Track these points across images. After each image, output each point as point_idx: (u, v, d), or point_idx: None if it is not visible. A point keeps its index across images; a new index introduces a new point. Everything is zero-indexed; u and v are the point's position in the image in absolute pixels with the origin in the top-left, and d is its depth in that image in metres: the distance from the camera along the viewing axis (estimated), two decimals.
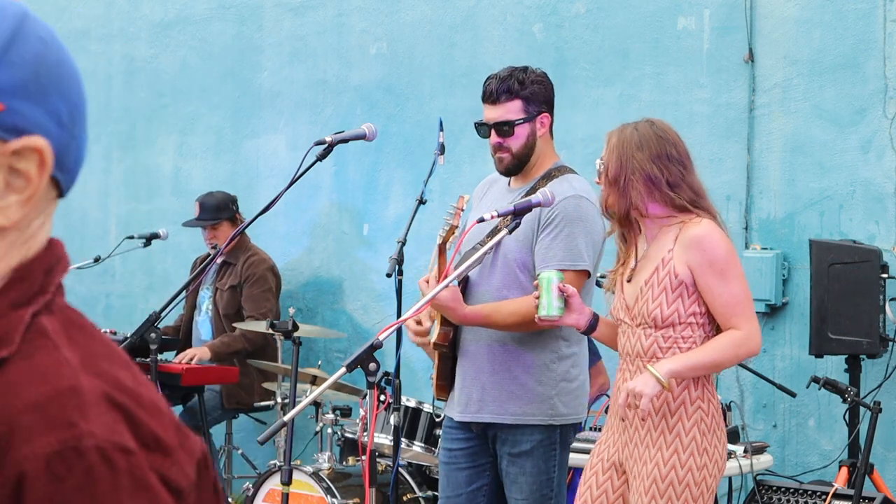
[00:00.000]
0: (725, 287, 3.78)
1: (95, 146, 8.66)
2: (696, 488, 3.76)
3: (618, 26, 6.55)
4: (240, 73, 7.98)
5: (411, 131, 7.25)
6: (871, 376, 5.65)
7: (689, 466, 3.75)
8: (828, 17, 5.97)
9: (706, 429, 3.79)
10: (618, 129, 3.94)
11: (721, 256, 3.79)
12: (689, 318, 3.80)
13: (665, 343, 3.80)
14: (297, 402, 5.50)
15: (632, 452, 3.83)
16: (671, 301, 3.79)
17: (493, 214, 3.91)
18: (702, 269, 3.78)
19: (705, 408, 3.80)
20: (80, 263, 7.48)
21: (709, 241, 3.79)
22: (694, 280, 3.79)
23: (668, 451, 3.76)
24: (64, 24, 8.87)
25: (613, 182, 3.85)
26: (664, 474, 3.74)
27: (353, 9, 7.51)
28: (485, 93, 4.26)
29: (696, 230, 3.80)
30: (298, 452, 6.96)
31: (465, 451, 4.30)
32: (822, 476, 5.55)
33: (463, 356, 4.27)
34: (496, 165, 4.29)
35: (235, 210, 7.17)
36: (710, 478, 3.79)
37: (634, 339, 3.84)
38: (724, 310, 3.78)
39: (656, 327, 3.80)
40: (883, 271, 5.48)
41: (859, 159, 5.89)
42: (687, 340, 3.81)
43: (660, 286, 3.80)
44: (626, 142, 3.88)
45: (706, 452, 3.78)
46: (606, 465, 3.89)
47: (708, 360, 3.77)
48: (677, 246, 3.81)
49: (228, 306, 6.99)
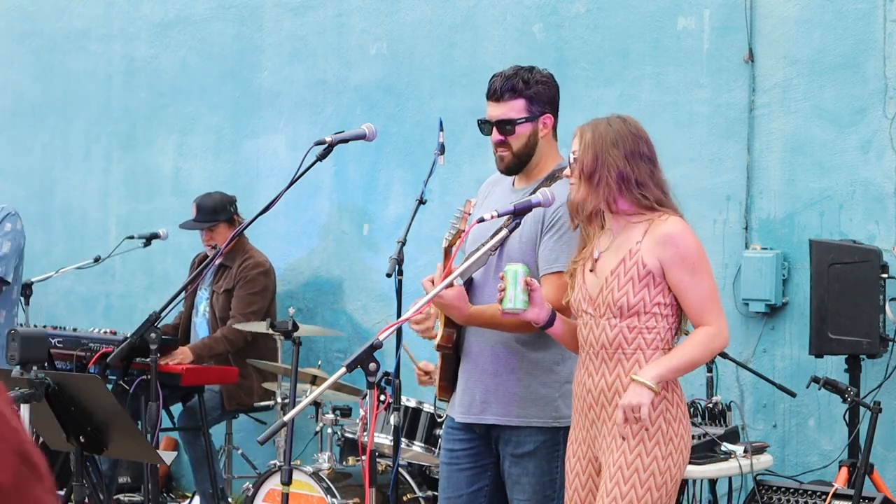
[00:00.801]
0: (697, 283, 3.84)
1: (95, 146, 8.67)
2: (660, 476, 3.81)
3: (618, 26, 6.55)
4: (240, 73, 7.98)
5: (411, 131, 7.25)
6: (871, 376, 5.65)
7: (655, 455, 3.80)
8: (828, 17, 5.97)
9: (671, 418, 3.84)
10: (591, 124, 3.96)
11: (692, 253, 3.85)
12: (654, 307, 3.85)
13: (630, 333, 3.84)
14: (297, 402, 5.51)
15: (600, 445, 3.88)
16: (637, 290, 3.83)
17: (493, 214, 3.91)
18: (674, 264, 3.83)
19: (670, 398, 3.84)
20: (80, 263, 7.49)
21: (681, 238, 3.85)
22: (663, 273, 3.84)
23: (633, 439, 3.80)
24: (64, 24, 8.88)
25: (588, 178, 3.89)
26: (629, 461, 3.79)
27: (353, 9, 7.51)
28: (489, 90, 4.26)
29: (667, 227, 3.85)
30: (298, 452, 6.96)
31: (466, 452, 4.30)
32: (822, 476, 5.55)
33: (466, 358, 4.27)
34: (497, 163, 4.29)
35: (233, 211, 7.14)
36: (674, 467, 3.83)
37: (599, 331, 3.87)
38: (697, 305, 3.84)
39: (621, 316, 3.83)
40: (883, 271, 5.48)
41: (859, 159, 5.89)
42: (651, 331, 3.85)
43: (626, 276, 3.84)
44: (602, 137, 3.91)
45: (672, 441, 3.83)
46: (584, 463, 3.94)
47: (687, 360, 3.83)
48: (647, 240, 3.85)
49: (224, 309, 6.99)
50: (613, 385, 3.85)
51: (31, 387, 4.17)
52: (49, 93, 8.95)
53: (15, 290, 5.69)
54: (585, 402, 3.91)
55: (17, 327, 5.29)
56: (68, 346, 6.37)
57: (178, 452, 7.73)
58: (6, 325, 5.60)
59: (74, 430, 4.39)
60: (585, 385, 3.90)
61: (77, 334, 6.47)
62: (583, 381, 3.92)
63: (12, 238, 5.58)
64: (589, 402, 3.90)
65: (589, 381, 3.89)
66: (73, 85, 8.82)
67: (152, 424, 4.74)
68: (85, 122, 8.74)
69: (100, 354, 5.94)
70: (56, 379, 4.29)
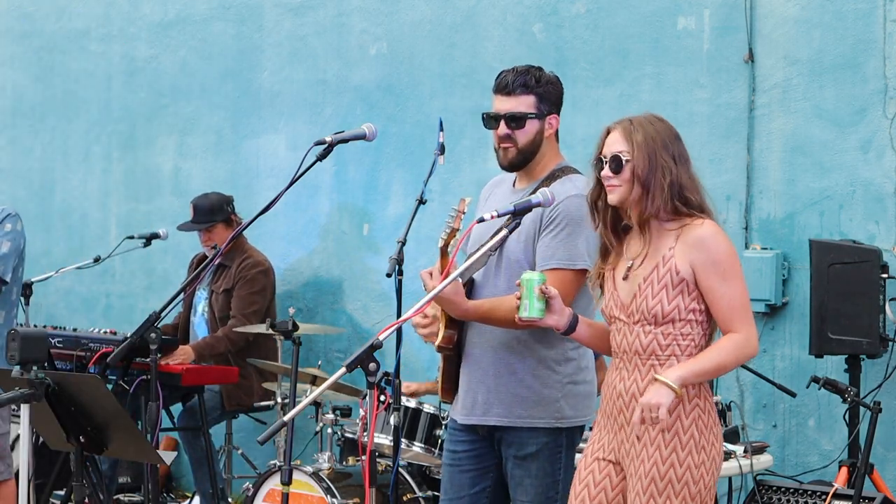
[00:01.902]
0: (728, 288, 3.77)
1: (95, 146, 8.67)
2: (694, 486, 3.74)
3: (618, 26, 6.55)
4: (240, 73, 7.98)
5: (411, 131, 7.25)
6: (871, 376, 5.65)
7: (688, 464, 3.74)
8: (828, 17, 5.97)
9: (703, 426, 3.77)
10: (637, 123, 3.85)
11: (725, 258, 3.79)
12: (689, 314, 3.79)
13: (665, 340, 3.79)
14: (297, 402, 5.51)
15: (628, 451, 3.81)
16: (672, 297, 3.77)
17: (493, 214, 3.91)
18: (706, 269, 3.77)
19: (702, 405, 3.79)
20: (80, 263, 7.49)
21: (713, 242, 3.78)
22: (695, 279, 3.78)
23: (666, 449, 3.74)
24: (64, 24, 8.88)
25: (643, 182, 3.79)
26: (663, 472, 3.72)
27: (353, 9, 7.51)
28: (499, 84, 4.24)
29: (700, 231, 3.79)
30: (298, 452, 6.96)
31: (469, 454, 4.30)
32: (822, 476, 5.55)
33: (468, 359, 4.27)
34: (500, 159, 4.27)
35: (231, 211, 7.14)
36: (707, 475, 3.77)
37: (633, 337, 3.82)
38: (726, 311, 3.78)
39: (656, 324, 3.78)
40: (883, 271, 5.48)
41: (859, 159, 5.89)
42: (686, 338, 3.80)
43: (660, 283, 3.78)
44: (654, 140, 3.82)
45: (704, 450, 3.77)
46: (603, 462, 3.87)
47: (713, 365, 3.76)
48: (679, 244, 3.79)
49: (223, 309, 6.98)
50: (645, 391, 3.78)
51: (31, 387, 4.17)
52: (49, 93, 8.95)
53: (15, 290, 5.68)
54: (615, 406, 3.84)
55: (17, 327, 5.29)
56: (68, 346, 6.37)
57: (178, 452, 7.73)
58: (6, 325, 5.59)
59: (74, 430, 4.39)
60: (616, 388, 3.84)
61: (77, 334, 6.47)
62: (614, 384, 3.86)
63: (12, 238, 5.57)
64: (619, 405, 3.83)
65: (620, 384, 3.83)
66: (73, 85, 8.82)
67: (152, 424, 4.74)
68: (85, 122, 8.74)
69: (100, 354, 5.94)
70: (56, 379, 4.29)
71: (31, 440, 4.35)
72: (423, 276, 4.09)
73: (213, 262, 5.10)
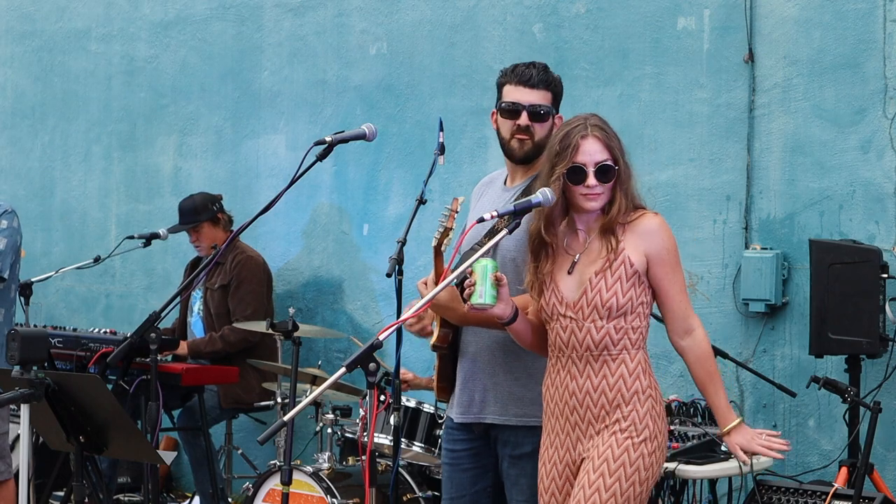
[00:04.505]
0: (678, 276, 3.86)
1: (95, 146, 8.67)
2: (644, 472, 3.80)
3: (618, 26, 6.55)
4: (240, 73, 7.98)
5: (411, 131, 7.25)
6: (871, 376, 5.65)
7: (642, 452, 3.80)
8: (828, 17, 5.97)
9: (656, 415, 3.84)
10: (606, 127, 3.87)
11: (674, 247, 3.88)
12: (639, 307, 3.85)
13: (617, 334, 3.82)
14: (297, 402, 5.51)
15: (586, 446, 3.85)
16: (626, 290, 3.81)
17: (492, 214, 3.90)
18: (660, 257, 3.83)
19: (655, 395, 3.85)
20: (80, 263, 7.49)
21: (666, 231, 3.86)
22: (648, 269, 3.83)
23: (622, 435, 3.79)
24: (64, 24, 8.88)
25: (624, 188, 3.85)
26: (617, 455, 3.78)
27: (353, 9, 7.51)
28: (522, 76, 4.24)
29: (650, 222, 3.85)
30: (298, 452, 6.96)
31: (467, 452, 4.30)
32: (822, 476, 5.55)
33: (463, 358, 4.27)
34: (513, 150, 4.24)
35: (217, 210, 7.15)
36: (656, 465, 3.84)
37: (583, 334, 3.83)
38: (679, 298, 3.85)
39: (609, 318, 3.81)
40: (883, 271, 5.48)
41: (859, 159, 5.89)
42: (636, 331, 3.84)
43: (614, 276, 3.81)
44: (619, 143, 3.88)
45: (656, 439, 3.83)
46: (561, 467, 3.90)
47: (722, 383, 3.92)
48: (629, 236, 3.83)
49: (219, 306, 6.98)
50: (600, 386, 3.83)
51: (31, 387, 4.17)
52: (49, 93, 8.95)
53: (13, 288, 5.68)
54: (567, 406, 3.87)
55: (17, 327, 5.29)
56: (68, 346, 6.38)
57: (178, 452, 7.73)
58: (5, 324, 5.60)
59: (74, 430, 4.40)
60: (568, 388, 3.87)
61: (77, 334, 6.48)
62: (563, 383, 3.88)
63: (8, 235, 5.57)
64: (572, 404, 3.86)
65: (572, 383, 3.86)
66: (73, 85, 8.82)
67: (152, 424, 4.75)
68: (85, 122, 8.74)
69: (100, 354, 5.94)
70: (56, 379, 4.29)
71: (31, 440, 4.35)
72: (420, 288, 4.11)
73: (213, 261, 5.10)
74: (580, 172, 3.81)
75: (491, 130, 4.40)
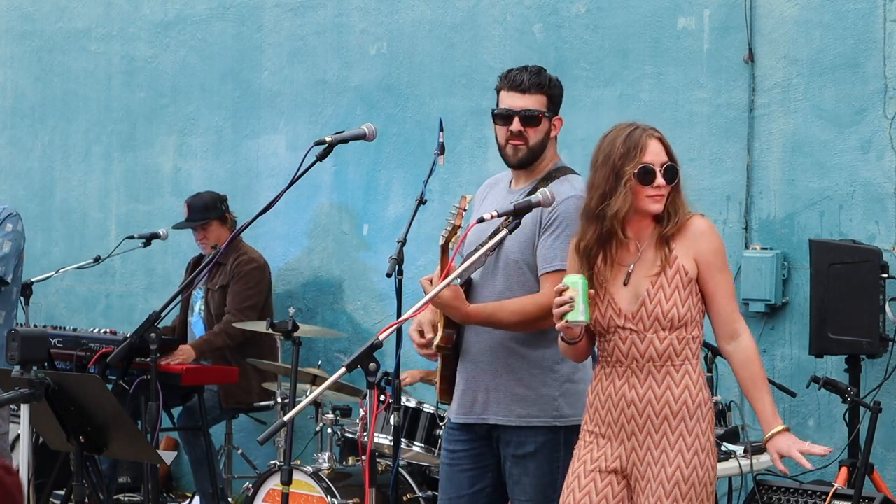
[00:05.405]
0: (725, 279, 3.80)
1: (95, 146, 8.67)
2: (710, 487, 3.78)
3: (618, 26, 6.55)
4: (240, 73, 7.98)
5: (411, 131, 7.25)
6: (871, 376, 5.65)
7: (707, 467, 3.76)
8: (828, 17, 5.97)
9: (710, 430, 3.81)
10: (651, 128, 3.81)
11: (722, 248, 3.84)
12: (697, 315, 3.79)
13: (679, 345, 3.76)
14: (297, 402, 5.51)
15: (643, 458, 3.78)
16: (685, 299, 3.75)
17: (493, 214, 3.90)
18: (709, 258, 3.77)
19: (711, 408, 3.82)
20: (80, 263, 7.48)
21: (714, 233, 3.83)
22: (699, 274, 3.77)
23: (688, 453, 3.74)
24: (64, 24, 8.87)
25: (678, 184, 3.82)
26: (686, 476, 3.72)
27: (353, 9, 7.51)
28: (513, 81, 4.24)
29: (700, 223, 3.81)
30: (298, 452, 6.96)
31: (467, 453, 4.30)
32: (822, 476, 5.54)
33: (466, 358, 4.27)
34: (509, 156, 4.25)
35: (224, 209, 7.16)
36: (713, 475, 3.81)
37: (645, 345, 3.76)
38: (728, 301, 3.79)
39: (672, 328, 3.75)
40: (883, 271, 5.48)
41: (859, 159, 5.89)
42: (696, 341, 3.79)
43: (671, 286, 3.75)
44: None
45: (713, 453, 3.80)
46: (604, 473, 3.82)
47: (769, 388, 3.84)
48: (679, 242, 3.78)
49: (220, 306, 6.99)
50: (663, 396, 3.76)
51: (31, 387, 4.17)
52: (49, 93, 8.95)
53: (15, 290, 5.69)
54: (624, 414, 3.79)
55: (17, 327, 5.29)
56: (68, 346, 6.37)
57: (178, 452, 7.73)
58: (6, 325, 5.60)
59: (74, 430, 4.40)
60: (625, 397, 3.78)
61: (77, 334, 6.47)
62: (619, 392, 3.80)
63: (13, 238, 5.58)
64: (630, 413, 3.78)
65: (630, 392, 3.78)
66: (73, 85, 8.82)
67: (152, 424, 4.74)
68: (85, 122, 8.74)
69: (100, 354, 5.94)
70: (56, 379, 4.29)
71: (31, 440, 4.35)
72: (423, 284, 4.10)
73: (214, 261, 5.10)
74: (650, 173, 3.75)
75: (491, 130, 4.41)
